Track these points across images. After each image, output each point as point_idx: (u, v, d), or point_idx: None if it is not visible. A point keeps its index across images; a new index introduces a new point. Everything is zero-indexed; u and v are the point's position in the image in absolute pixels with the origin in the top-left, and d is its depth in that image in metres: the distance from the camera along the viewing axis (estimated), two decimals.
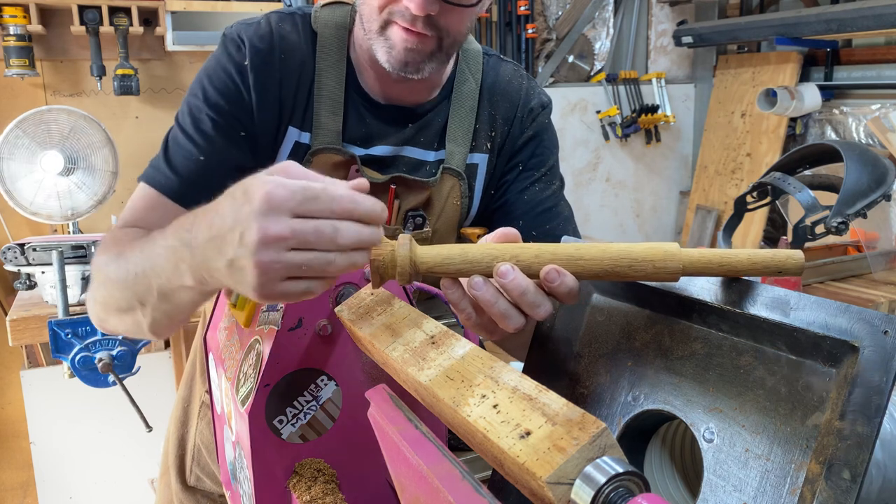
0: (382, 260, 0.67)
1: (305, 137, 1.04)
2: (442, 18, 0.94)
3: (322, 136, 1.04)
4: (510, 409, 0.50)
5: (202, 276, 0.67)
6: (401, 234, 0.69)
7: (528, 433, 0.47)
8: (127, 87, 2.67)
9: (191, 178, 0.99)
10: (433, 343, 0.62)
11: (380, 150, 1.08)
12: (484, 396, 0.52)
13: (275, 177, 0.62)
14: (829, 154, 2.16)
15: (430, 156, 1.11)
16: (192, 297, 0.74)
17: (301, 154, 1.04)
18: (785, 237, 1.76)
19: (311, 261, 0.61)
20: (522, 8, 3.41)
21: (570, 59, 3.70)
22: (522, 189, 1.13)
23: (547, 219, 1.12)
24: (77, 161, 2.47)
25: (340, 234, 0.61)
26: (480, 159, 1.12)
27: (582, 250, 0.65)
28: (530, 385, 0.51)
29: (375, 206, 0.64)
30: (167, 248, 0.70)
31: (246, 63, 1.01)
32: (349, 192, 0.62)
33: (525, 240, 1.12)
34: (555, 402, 0.48)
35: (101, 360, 1.99)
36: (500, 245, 0.67)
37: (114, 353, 2.01)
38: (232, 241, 0.61)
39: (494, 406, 0.51)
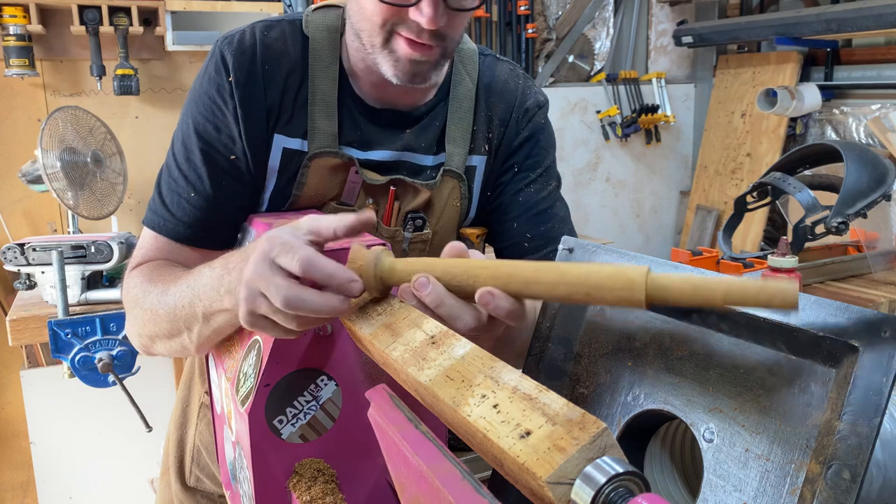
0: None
1: (295, 143, 1.04)
2: (446, 26, 0.93)
3: (318, 139, 1.04)
4: (510, 409, 0.50)
5: (233, 299, 0.75)
6: (372, 248, 0.71)
7: (529, 433, 0.47)
8: (127, 87, 2.67)
9: (186, 219, 1.02)
10: (433, 343, 0.62)
11: (379, 154, 1.07)
12: (484, 396, 0.52)
13: (284, 229, 0.71)
14: (829, 154, 2.16)
15: (430, 160, 1.10)
16: (228, 320, 0.82)
17: (294, 160, 1.04)
18: (785, 237, 1.76)
19: (275, 312, 0.69)
20: (522, 8, 3.41)
21: (570, 59, 3.71)
22: (518, 190, 1.12)
23: (542, 220, 1.12)
24: (104, 162, 2.49)
25: (283, 299, 0.67)
26: (478, 161, 1.12)
27: (540, 273, 0.63)
28: (530, 385, 0.51)
29: (337, 273, 0.68)
30: (213, 276, 0.80)
31: (230, 79, 1.00)
32: (312, 253, 0.68)
33: (520, 241, 1.13)
34: (555, 401, 0.48)
35: (100, 360, 1.99)
36: (461, 261, 0.69)
37: (114, 353, 2.01)
38: (239, 272, 0.73)
39: (494, 406, 0.51)
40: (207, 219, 1.02)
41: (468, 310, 0.68)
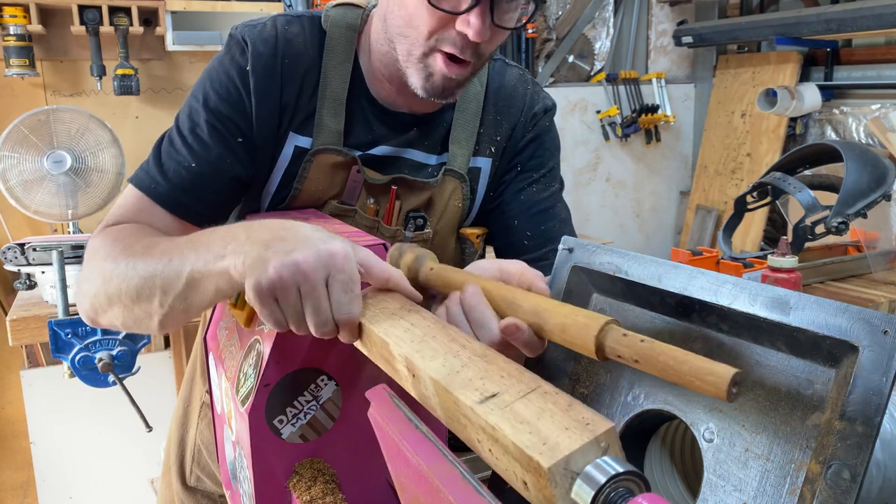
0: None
1: (306, 142, 1.04)
2: (485, 43, 0.93)
3: (323, 136, 1.04)
4: (511, 409, 0.50)
5: (239, 262, 0.70)
6: (419, 250, 0.75)
7: (529, 432, 0.47)
8: (127, 87, 2.67)
9: (181, 186, 0.99)
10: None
11: (379, 149, 1.07)
12: (484, 395, 0.52)
13: (352, 248, 0.69)
14: (829, 154, 2.16)
15: (433, 159, 1.10)
16: (214, 289, 0.74)
17: (301, 157, 1.04)
18: (785, 237, 1.76)
19: (294, 312, 0.68)
20: None
21: (570, 59, 3.70)
22: (520, 189, 1.13)
23: (543, 220, 1.12)
24: (83, 161, 2.48)
25: (318, 320, 0.67)
26: (484, 163, 1.12)
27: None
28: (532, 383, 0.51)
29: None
30: (226, 237, 0.73)
31: (248, 67, 1.00)
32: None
33: (520, 239, 1.13)
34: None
35: (101, 359, 1.99)
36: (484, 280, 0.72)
37: (114, 353, 2.01)
38: (282, 244, 0.67)
39: (495, 405, 0.51)
40: (201, 190, 1.00)
41: (496, 323, 0.69)
